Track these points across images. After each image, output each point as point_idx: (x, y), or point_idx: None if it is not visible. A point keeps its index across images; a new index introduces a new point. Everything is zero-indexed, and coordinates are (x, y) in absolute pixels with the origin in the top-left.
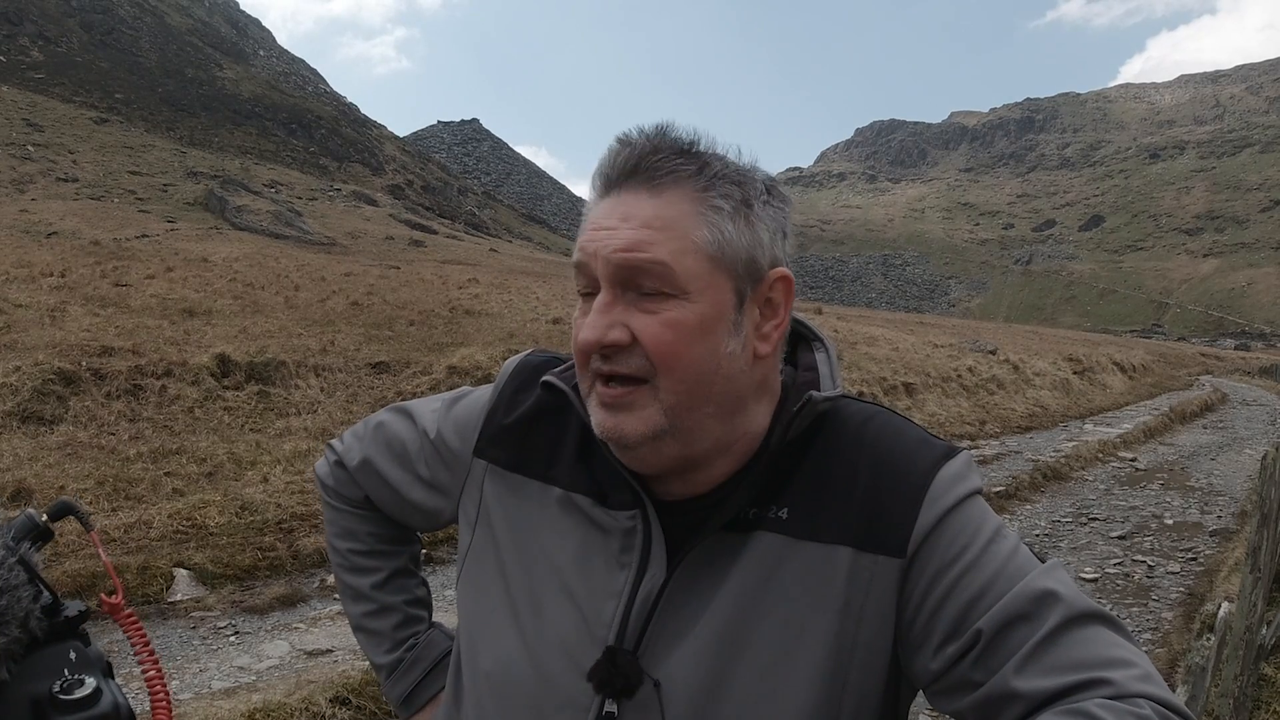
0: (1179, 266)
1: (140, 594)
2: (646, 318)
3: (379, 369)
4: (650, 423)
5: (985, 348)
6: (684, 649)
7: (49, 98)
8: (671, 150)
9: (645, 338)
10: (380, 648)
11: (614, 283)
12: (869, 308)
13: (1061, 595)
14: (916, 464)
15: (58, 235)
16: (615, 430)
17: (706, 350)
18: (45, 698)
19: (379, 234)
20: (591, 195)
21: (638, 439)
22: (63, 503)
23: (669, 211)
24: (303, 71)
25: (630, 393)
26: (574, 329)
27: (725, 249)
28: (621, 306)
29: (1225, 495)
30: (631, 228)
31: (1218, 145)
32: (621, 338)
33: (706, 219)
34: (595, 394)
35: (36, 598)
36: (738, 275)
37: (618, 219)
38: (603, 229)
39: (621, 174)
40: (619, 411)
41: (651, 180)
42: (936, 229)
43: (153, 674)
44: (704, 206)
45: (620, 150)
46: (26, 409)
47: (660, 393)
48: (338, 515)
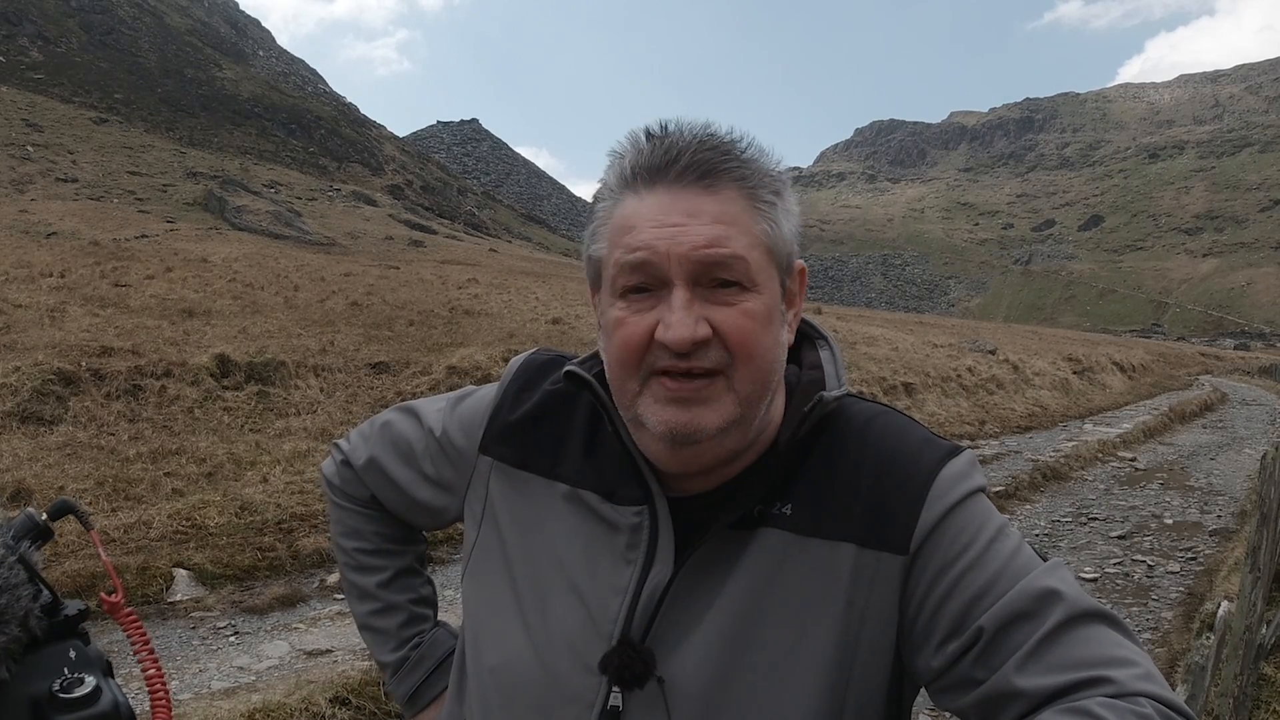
0: (1178, 266)
1: (140, 594)
2: (725, 310)
3: (378, 369)
4: (725, 414)
5: (985, 347)
6: (689, 645)
7: (48, 98)
8: (720, 148)
9: (728, 329)
10: (386, 646)
11: (690, 279)
12: (868, 307)
13: (1063, 594)
14: (920, 462)
15: (57, 235)
16: (689, 425)
17: (772, 340)
18: (45, 697)
19: (378, 234)
20: (620, 188)
21: (713, 431)
22: (62, 502)
23: (730, 208)
24: (302, 72)
25: (707, 385)
26: (618, 329)
27: (777, 243)
28: (699, 302)
29: (1225, 495)
30: (703, 224)
31: (1217, 145)
32: (707, 333)
33: (760, 214)
34: (657, 390)
35: (36, 597)
36: (781, 268)
37: (683, 215)
38: (669, 225)
39: (674, 169)
40: (694, 405)
41: (705, 178)
42: (936, 229)
43: (152, 673)
44: (756, 203)
45: (661, 146)
46: (26, 409)
47: (735, 383)
48: (344, 514)
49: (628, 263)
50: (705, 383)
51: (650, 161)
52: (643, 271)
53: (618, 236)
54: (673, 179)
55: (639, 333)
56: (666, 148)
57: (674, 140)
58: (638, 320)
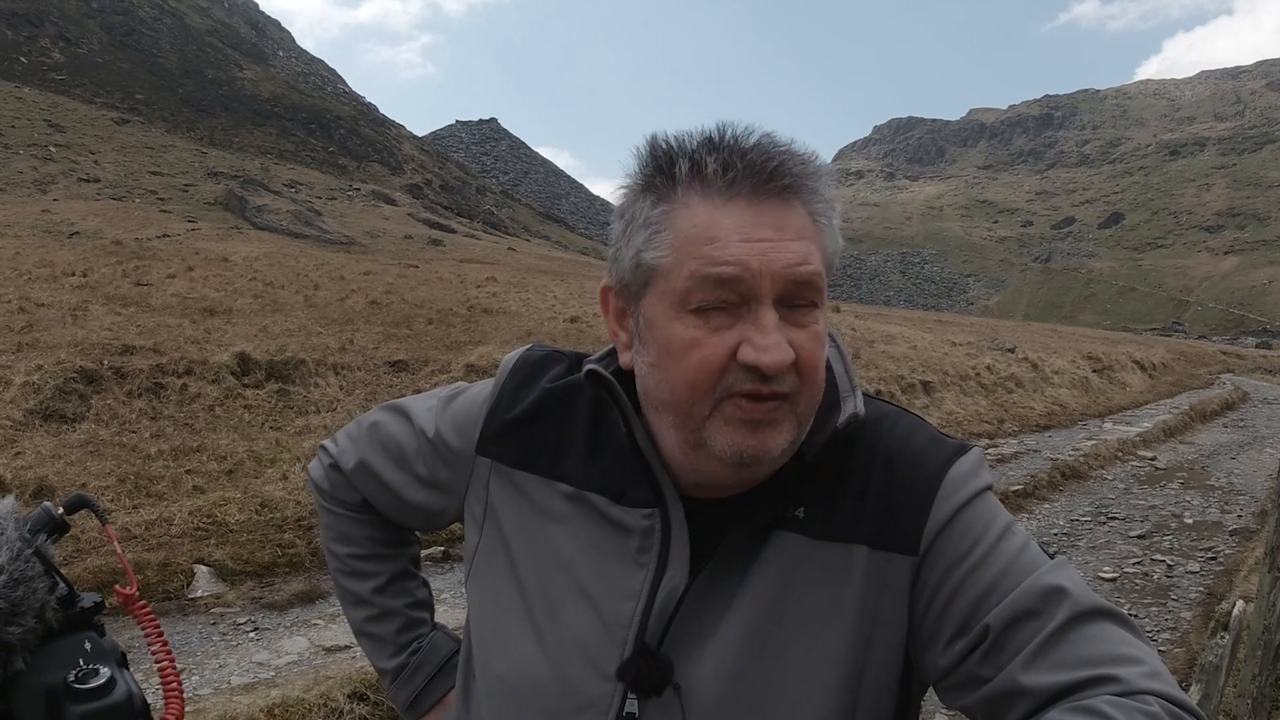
0: (1199, 264)
1: (161, 590)
2: (802, 333)
3: (397, 367)
4: (788, 436)
5: (1004, 346)
6: (706, 651)
7: (70, 99)
8: (792, 160)
9: (804, 353)
10: (384, 652)
11: (778, 298)
12: (887, 305)
13: (1070, 591)
14: (928, 462)
15: (79, 235)
16: (758, 448)
17: (823, 357)
18: (60, 687)
19: (398, 233)
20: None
21: (777, 453)
22: (78, 497)
23: (802, 222)
24: (321, 72)
25: (778, 408)
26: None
27: (833, 255)
28: (781, 324)
29: (1245, 494)
30: (790, 239)
31: (1238, 142)
32: (793, 356)
33: (824, 228)
34: (730, 412)
35: (52, 589)
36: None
37: (770, 230)
38: (759, 240)
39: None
40: (765, 429)
41: (783, 191)
42: (955, 227)
43: (166, 665)
44: (820, 215)
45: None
46: (49, 407)
47: (799, 405)
48: (335, 520)
49: (712, 276)
50: (776, 405)
51: (728, 169)
52: (728, 288)
53: (692, 246)
54: (750, 190)
55: (720, 354)
56: (743, 155)
57: (746, 148)
58: (717, 340)
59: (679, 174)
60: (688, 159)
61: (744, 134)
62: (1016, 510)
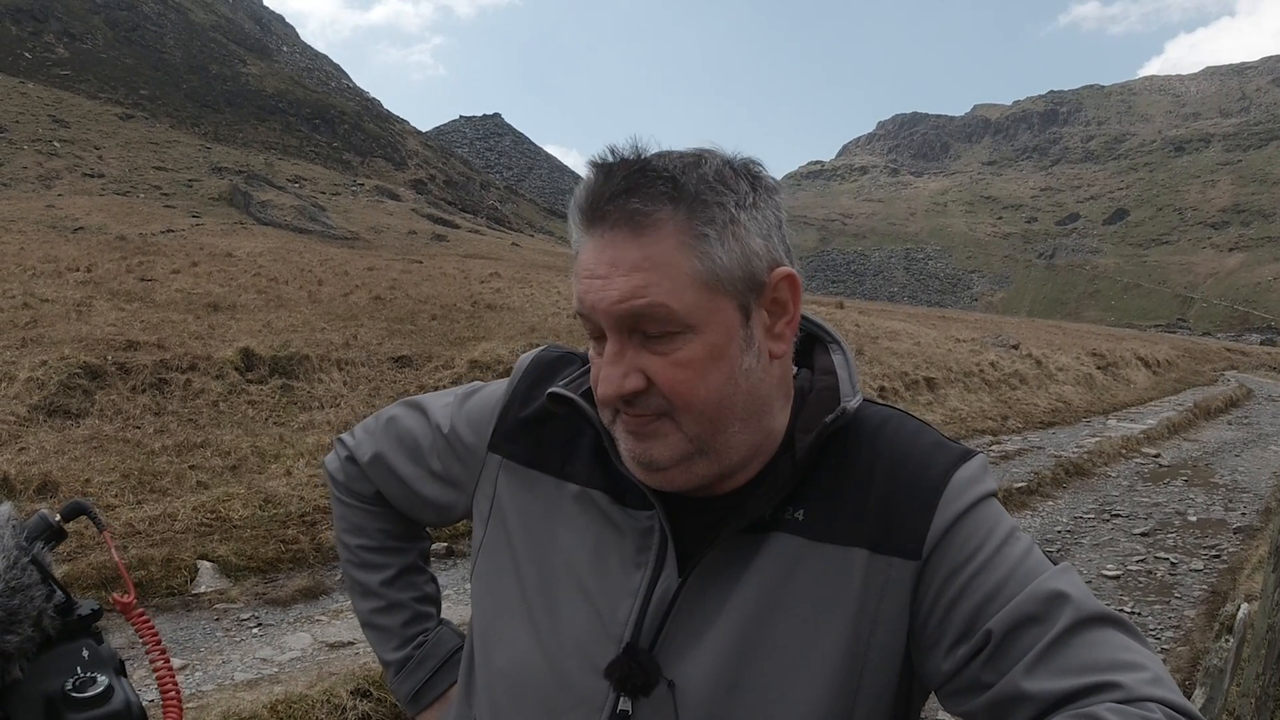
0: (1204, 260)
1: (164, 586)
2: (658, 360)
3: (401, 363)
4: (677, 449)
5: (1008, 342)
6: (700, 650)
7: (74, 94)
8: (649, 185)
9: (660, 380)
10: (389, 644)
11: (618, 331)
12: (891, 302)
13: (1072, 597)
14: (932, 467)
15: (84, 230)
16: (645, 455)
17: (723, 376)
18: (58, 695)
19: (401, 228)
20: (576, 225)
21: (668, 463)
22: (76, 503)
23: (654, 250)
24: (325, 67)
25: (653, 421)
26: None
27: (719, 273)
28: (631, 351)
29: (1250, 492)
30: (623, 274)
31: (1244, 138)
32: (638, 384)
33: (694, 250)
34: (622, 421)
35: (49, 597)
36: (738, 292)
37: (606, 266)
38: (596, 278)
39: (600, 211)
40: (648, 439)
41: (631, 221)
42: (959, 223)
43: (164, 673)
44: (689, 238)
45: (597, 183)
46: (53, 403)
47: (682, 425)
48: (348, 511)
49: (576, 310)
50: (652, 419)
51: (586, 201)
52: (587, 320)
53: (573, 281)
54: (600, 221)
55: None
56: (595, 190)
57: (605, 177)
58: (598, 363)
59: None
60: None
61: (617, 162)
62: (1020, 508)
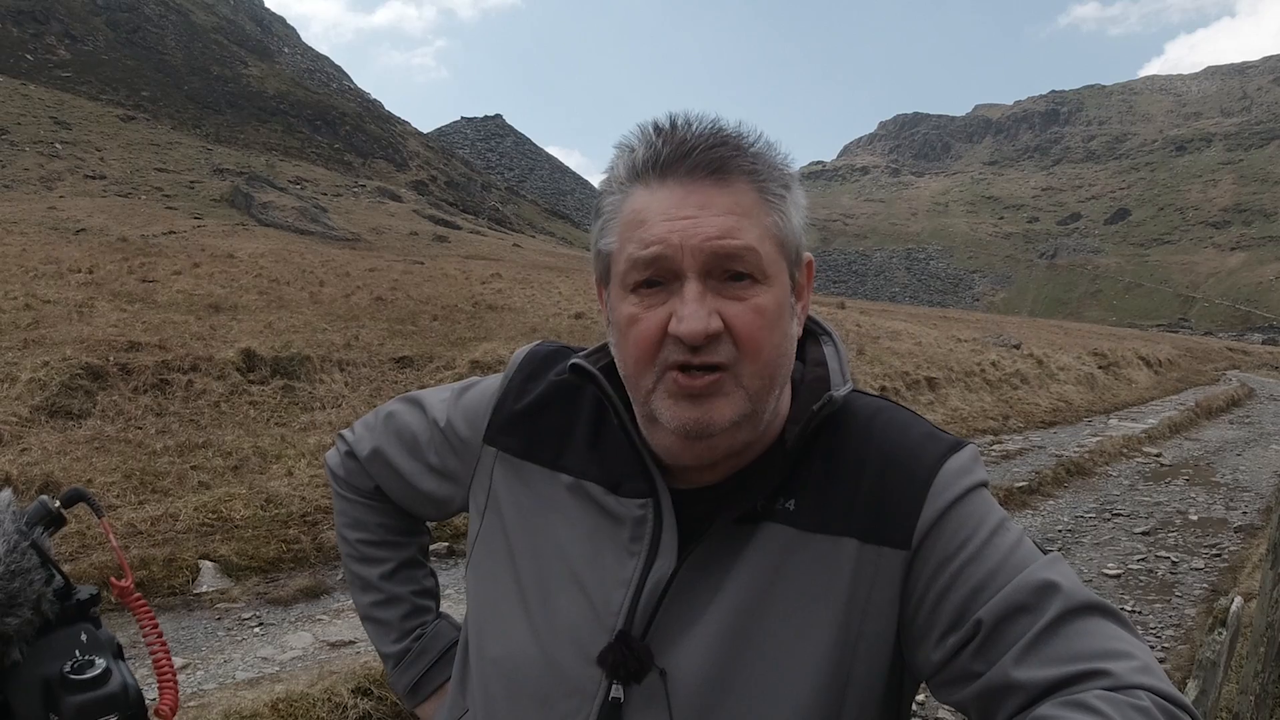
0: (1206, 260)
1: (166, 586)
2: (736, 304)
3: (402, 364)
4: (737, 408)
5: (1009, 342)
6: (691, 638)
7: (76, 96)
8: (730, 142)
9: (738, 324)
10: (388, 637)
11: (704, 272)
12: (892, 302)
13: (1062, 586)
14: (922, 458)
15: (86, 232)
16: (701, 419)
17: (781, 333)
18: (56, 678)
19: (403, 229)
20: (629, 182)
21: (724, 425)
22: (75, 490)
23: (742, 200)
24: (327, 69)
25: (717, 379)
26: (632, 326)
27: (787, 236)
28: (711, 295)
29: (1251, 491)
30: (716, 215)
31: (1245, 137)
32: (719, 326)
33: (771, 206)
34: (670, 385)
35: (49, 581)
36: (791, 261)
37: (694, 208)
38: (683, 218)
39: (684, 163)
40: (705, 400)
41: (715, 171)
42: (960, 223)
43: (160, 655)
44: (767, 195)
45: (672, 140)
46: (55, 403)
47: (744, 378)
48: (348, 505)
49: (640, 258)
50: (716, 376)
51: (661, 155)
52: (656, 266)
53: (629, 231)
54: (684, 173)
55: (653, 328)
56: (677, 142)
57: (684, 134)
58: (651, 316)
59: (626, 165)
60: (633, 151)
61: (685, 122)
62: (1021, 507)
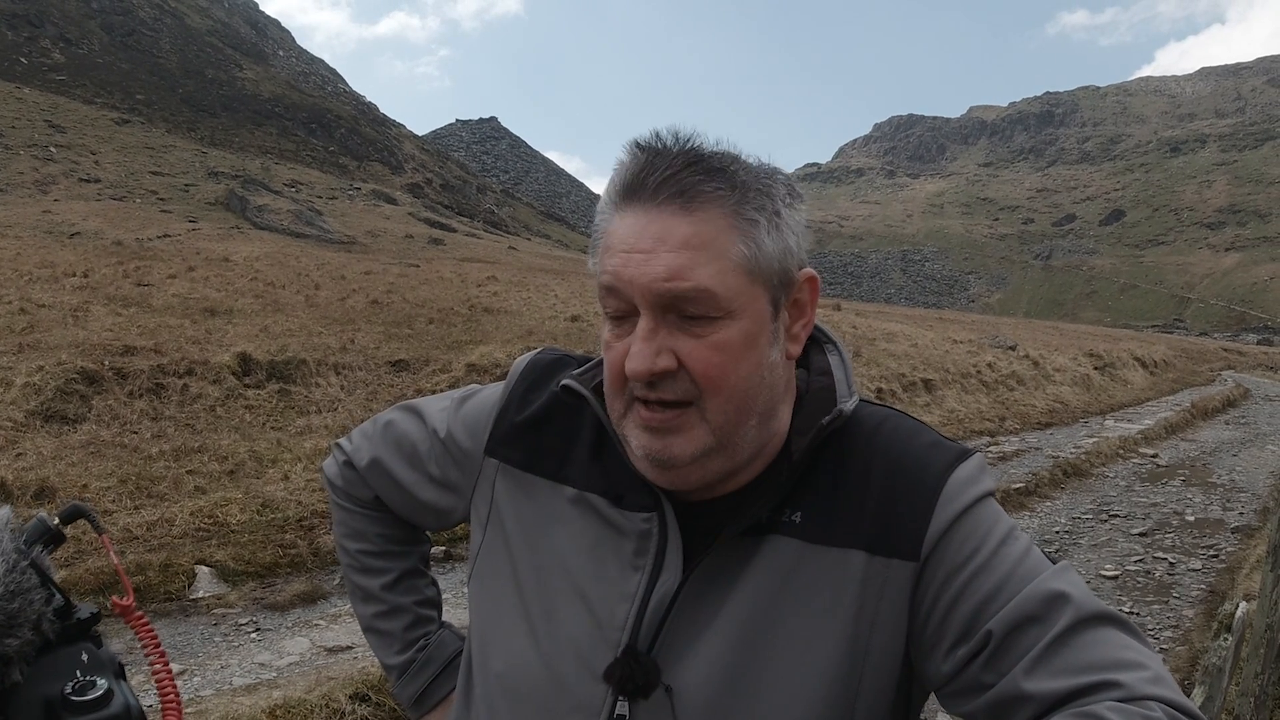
0: (1200, 261)
1: (162, 591)
2: (692, 342)
3: (398, 367)
4: (698, 444)
5: (1005, 343)
6: (697, 653)
7: (70, 99)
8: (704, 166)
9: (692, 363)
10: (391, 649)
11: (654, 309)
12: (888, 304)
13: (1072, 597)
14: (930, 468)
15: (80, 236)
16: (663, 453)
17: (751, 366)
18: (57, 699)
19: (398, 232)
20: (610, 204)
21: (686, 460)
22: (74, 506)
23: (705, 230)
24: (322, 71)
25: (677, 416)
26: (606, 351)
27: (761, 262)
28: (665, 331)
29: (1247, 491)
30: (670, 250)
31: (1239, 138)
32: (669, 364)
33: (742, 234)
34: (635, 417)
35: (48, 600)
36: (773, 285)
37: (651, 240)
38: (638, 252)
39: (651, 188)
40: (668, 435)
41: (684, 196)
42: (955, 224)
43: (163, 676)
44: (739, 221)
45: (647, 162)
46: (50, 408)
47: (707, 413)
48: (347, 516)
49: (602, 287)
50: (675, 413)
51: (630, 179)
52: (615, 297)
53: (602, 256)
54: (647, 199)
55: (617, 358)
56: (645, 164)
57: (655, 155)
58: (619, 346)
59: (612, 185)
60: (618, 168)
61: (659, 143)
62: (1018, 508)
